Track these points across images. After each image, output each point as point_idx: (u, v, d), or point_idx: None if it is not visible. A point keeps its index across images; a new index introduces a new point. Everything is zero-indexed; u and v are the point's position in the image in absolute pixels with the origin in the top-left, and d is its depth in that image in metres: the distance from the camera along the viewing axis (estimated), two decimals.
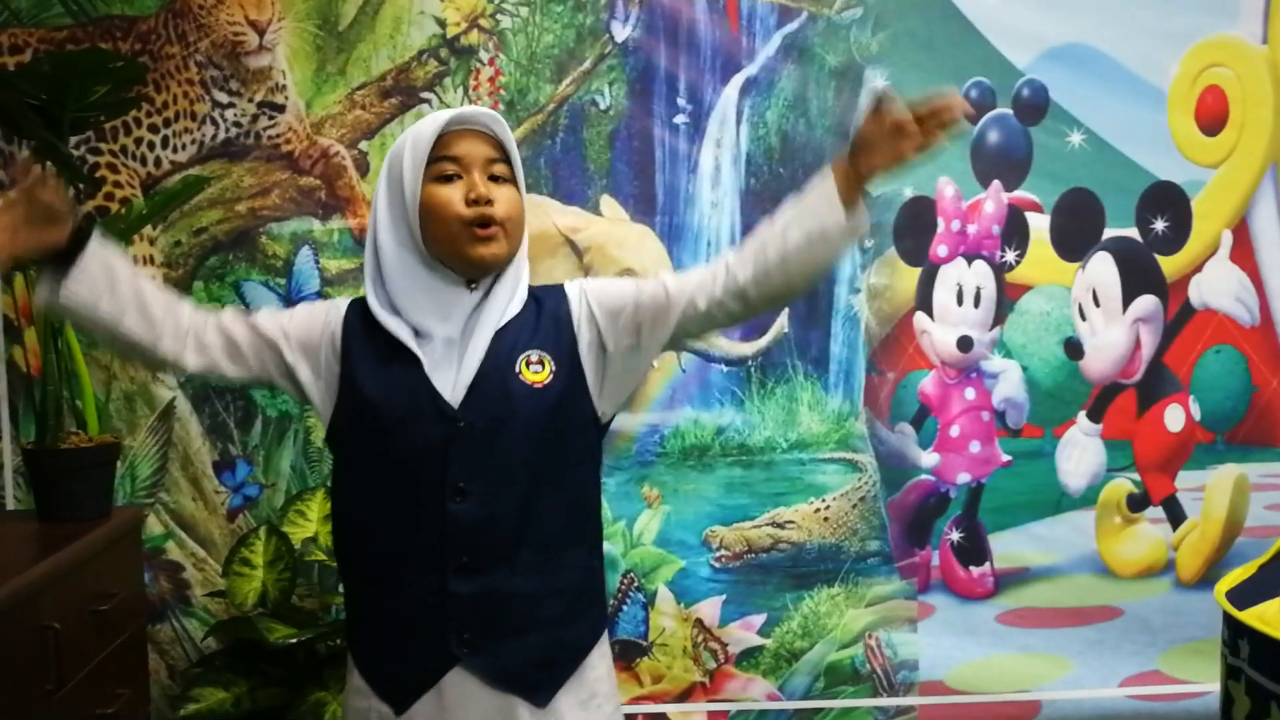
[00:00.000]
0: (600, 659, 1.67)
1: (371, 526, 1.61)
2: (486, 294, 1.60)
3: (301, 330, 1.62)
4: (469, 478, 1.55)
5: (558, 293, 1.66)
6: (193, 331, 1.59)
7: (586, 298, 1.64)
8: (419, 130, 1.59)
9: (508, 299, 1.61)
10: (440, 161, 1.56)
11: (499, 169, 1.59)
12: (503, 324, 1.59)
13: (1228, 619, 1.87)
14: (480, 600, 1.56)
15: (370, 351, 1.59)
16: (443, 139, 1.56)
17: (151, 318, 1.56)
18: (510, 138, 1.61)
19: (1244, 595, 1.86)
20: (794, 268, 1.56)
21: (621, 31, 2.72)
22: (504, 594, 1.57)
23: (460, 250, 1.56)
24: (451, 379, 1.56)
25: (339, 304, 1.65)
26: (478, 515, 1.55)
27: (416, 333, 1.58)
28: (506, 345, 1.58)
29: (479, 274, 1.59)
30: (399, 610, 1.59)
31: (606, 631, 1.71)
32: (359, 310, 1.62)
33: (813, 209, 1.55)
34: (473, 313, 1.59)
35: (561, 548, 1.63)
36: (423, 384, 1.55)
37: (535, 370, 1.58)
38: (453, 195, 1.55)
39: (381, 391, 1.57)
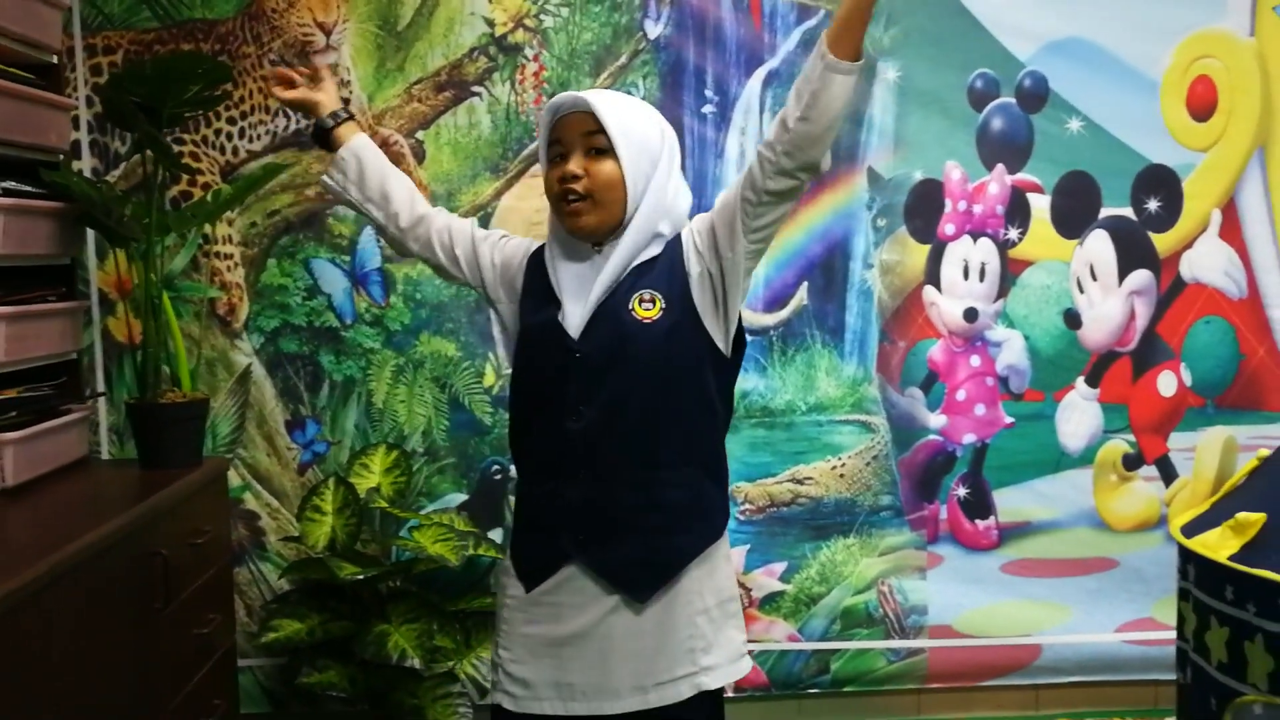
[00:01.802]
0: (702, 569, 1.84)
1: (520, 436, 1.92)
2: (609, 256, 1.82)
3: (504, 264, 1.95)
4: (585, 401, 1.81)
5: (677, 240, 1.86)
6: (423, 225, 1.99)
7: (693, 234, 1.85)
8: (541, 118, 1.86)
9: (629, 252, 1.81)
10: (552, 144, 1.84)
11: (598, 141, 1.79)
12: (627, 269, 1.81)
13: (1180, 548, 2.09)
14: (587, 507, 1.83)
15: (538, 292, 1.88)
16: (556, 123, 1.82)
17: (388, 209, 2.00)
18: (609, 111, 1.78)
19: (1195, 527, 2.08)
20: (815, 121, 1.67)
21: (654, 29, 2.94)
22: (609, 503, 1.83)
23: (562, 221, 1.83)
24: (578, 317, 1.82)
25: (531, 247, 1.96)
26: (591, 434, 1.81)
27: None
28: (624, 287, 1.82)
29: (590, 239, 1.83)
30: (530, 509, 1.91)
31: (716, 546, 1.87)
32: (536, 260, 1.92)
33: (812, 66, 1.70)
34: (597, 265, 1.83)
35: (668, 466, 1.82)
36: (555, 320, 1.83)
37: (647, 307, 1.80)
38: (552, 175, 1.82)
39: (533, 324, 1.87)
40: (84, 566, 1.84)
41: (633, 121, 1.81)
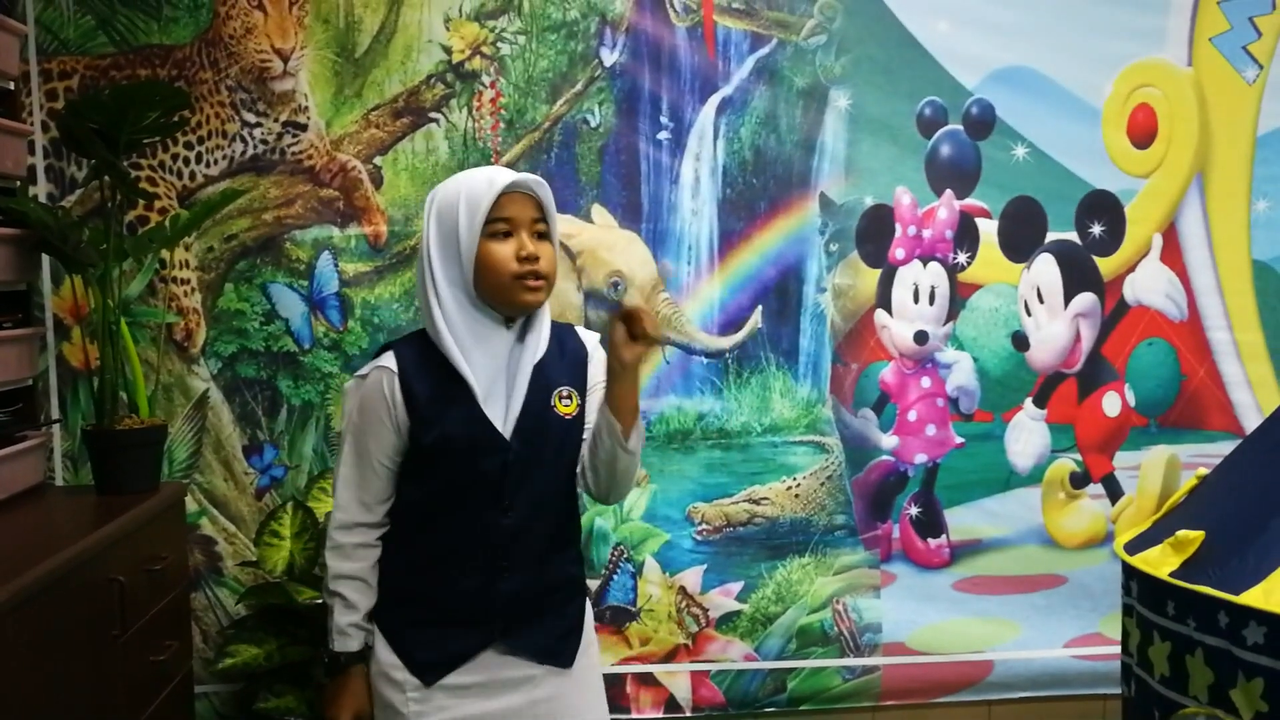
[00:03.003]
0: (590, 625, 2.00)
1: (430, 533, 1.86)
2: (522, 332, 1.86)
3: (389, 423, 1.84)
4: (515, 495, 1.85)
5: (575, 336, 1.95)
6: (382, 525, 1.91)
7: (598, 367, 1.91)
8: (473, 188, 1.80)
9: (540, 337, 1.87)
10: (495, 221, 1.80)
11: (540, 227, 1.84)
12: (537, 360, 1.86)
13: (1124, 565, 2.15)
14: (518, 595, 1.87)
15: (430, 389, 1.82)
16: (498, 200, 1.79)
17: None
18: (550, 201, 1.85)
19: (1137, 545, 2.14)
20: (604, 480, 1.88)
21: (610, 57, 2.99)
22: (535, 588, 1.89)
23: (511, 298, 1.82)
24: (502, 411, 1.83)
25: (385, 370, 1.84)
26: (520, 526, 1.86)
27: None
28: (542, 380, 1.86)
29: (519, 315, 1.86)
30: (448, 600, 1.86)
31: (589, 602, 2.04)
32: (407, 355, 1.85)
33: (602, 441, 1.84)
34: (512, 348, 1.85)
35: (566, 546, 1.96)
36: (479, 417, 1.82)
37: (566, 403, 1.88)
38: (507, 252, 1.79)
39: (446, 428, 1.81)
40: (41, 594, 1.84)
41: (552, 205, 1.88)
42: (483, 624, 1.87)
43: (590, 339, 1.96)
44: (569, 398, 1.88)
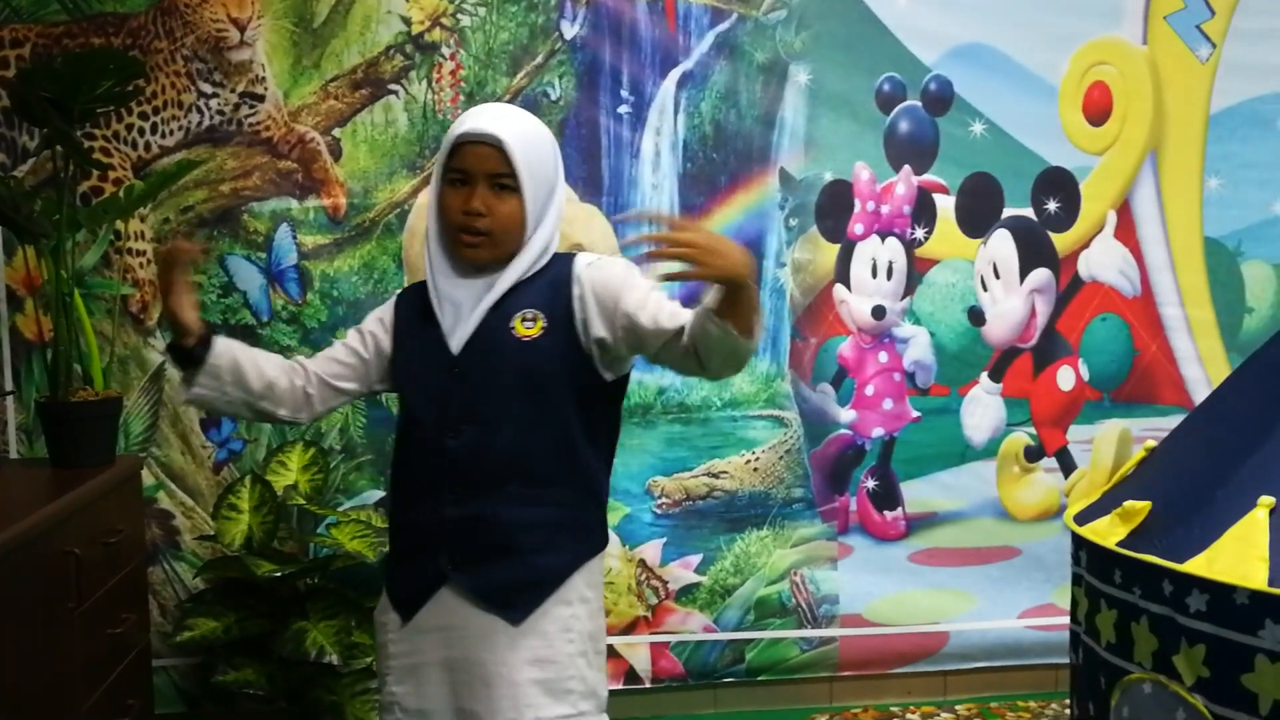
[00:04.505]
0: (578, 589, 1.82)
1: (400, 459, 1.89)
2: (492, 280, 1.80)
3: (379, 339, 1.89)
4: (465, 418, 1.79)
5: (565, 261, 1.84)
6: (303, 392, 1.88)
7: (586, 283, 1.80)
8: (452, 129, 1.79)
9: (517, 275, 1.80)
10: (452, 170, 1.77)
11: (504, 180, 1.76)
12: (508, 288, 1.80)
13: (1073, 535, 2.20)
14: (467, 524, 1.78)
15: (414, 319, 1.86)
16: (460, 148, 1.76)
17: (271, 397, 1.86)
18: (519, 150, 1.74)
19: (1086, 515, 2.18)
20: (716, 365, 1.73)
21: (570, 30, 2.98)
22: (487, 520, 1.79)
23: (452, 249, 1.80)
24: (458, 334, 1.80)
25: (393, 299, 1.94)
26: (470, 450, 1.78)
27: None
28: (507, 305, 1.80)
29: (477, 269, 1.81)
30: (407, 530, 1.86)
31: (590, 565, 1.85)
32: (408, 293, 1.91)
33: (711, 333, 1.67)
34: (481, 290, 1.80)
35: (545, 484, 1.79)
36: (437, 340, 1.81)
37: (528, 325, 1.79)
38: (454, 202, 1.77)
39: (411, 349, 1.85)
40: None
41: (536, 156, 1.79)
42: (432, 553, 1.80)
43: (582, 260, 1.84)
44: (532, 320, 1.79)
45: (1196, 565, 1.83)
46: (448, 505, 1.79)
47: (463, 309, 1.81)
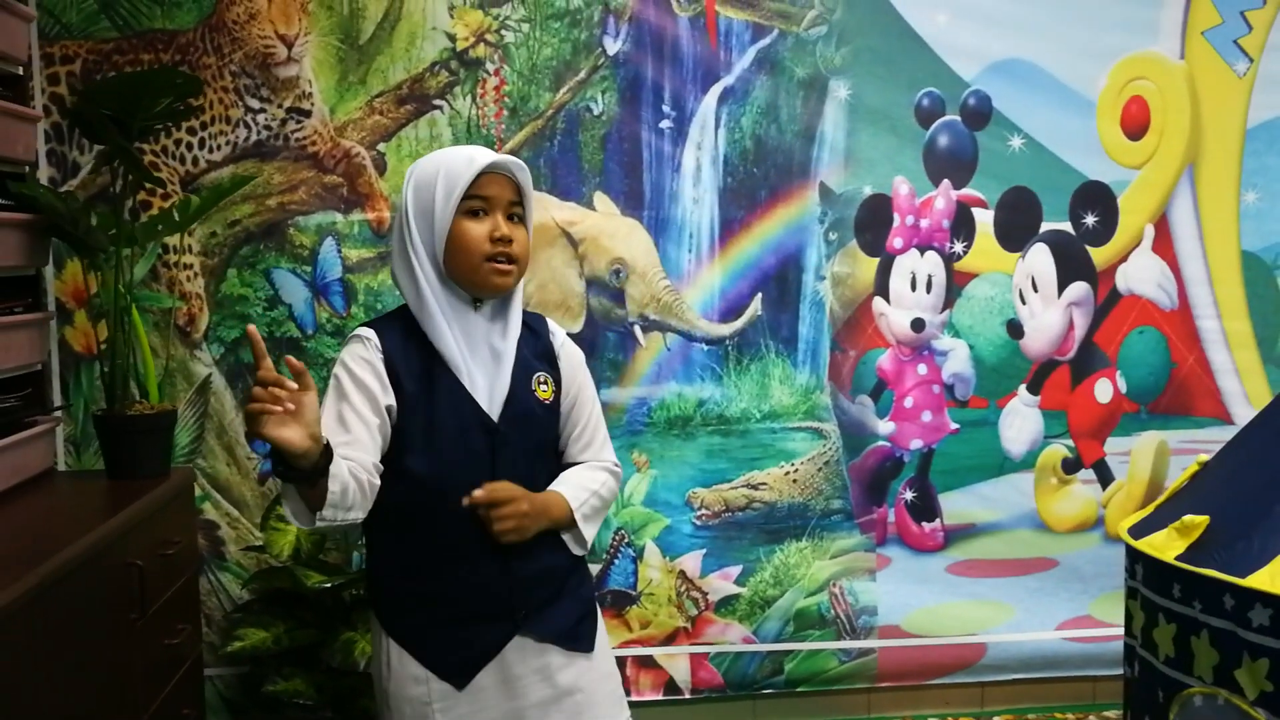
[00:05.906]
0: (601, 620, 2.01)
1: (428, 529, 1.80)
2: (492, 314, 1.85)
3: (375, 391, 1.77)
4: (510, 477, 1.80)
5: (542, 325, 1.95)
6: (369, 487, 1.73)
7: (565, 359, 1.94)
8: (452, 165, 1.79)
9: (514, 320, 1.87)
10: (471, 199, 1.80)
11: (517, 210, 1.85)
12: (513, 342, 1.85)
13: (1128, 548, 2.21)
14: (539, 578, 1.86)
15: (419, 375, 1.80)
16: (482, 177, 1.79)
17: (367, 503, 1.74)
18: (529, 185, 1.86)
19: (1142, 529, 2.19)
20: None
21: (613, 46, 3.00)
22: (550, 569, 1.88)
23: (480, 279, 1.81)
24: (487, 394, 1.82)
25: (367, 342, 1.81)
26: None
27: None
28: (521, 366, 1.86)
29: (486, 297, 1.85)
30: (468, 595, 1.82)
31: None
32: (388, 332, 1.82)
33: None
34: (485, 330, 1.84)
35: (554, 530, 1.89)
36: (465, 398, 1.81)
37: (544, 389, 1.89)
38: (480, 231, 1.79)
39: (429, 411, 1.79)
40: (66, 579, 1.85)
41: (530, 190, 1.89)
42: (506, 613, 1.83)
43: (558, 332, 1.97)
44: (545, 383, 1.88)
45: (1260, 580, 1.84)
46: (514, 565, 1.83)
47: (473, 357, 1.82)
